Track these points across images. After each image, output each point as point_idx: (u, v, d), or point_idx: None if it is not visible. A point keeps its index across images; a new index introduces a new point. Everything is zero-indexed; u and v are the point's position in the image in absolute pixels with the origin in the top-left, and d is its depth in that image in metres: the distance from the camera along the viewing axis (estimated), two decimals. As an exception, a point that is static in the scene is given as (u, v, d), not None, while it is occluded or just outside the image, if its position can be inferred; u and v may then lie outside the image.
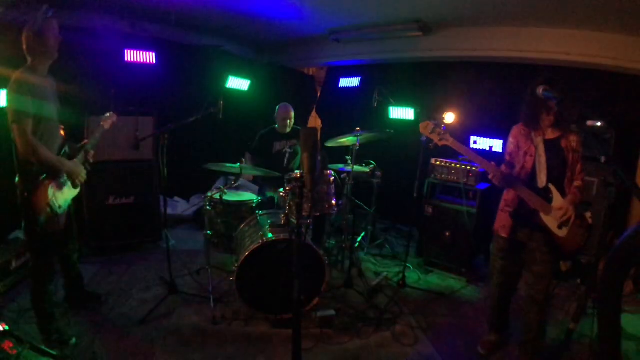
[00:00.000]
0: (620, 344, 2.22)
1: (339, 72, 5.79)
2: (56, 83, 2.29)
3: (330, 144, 3.45)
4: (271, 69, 5.79)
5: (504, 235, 2.30)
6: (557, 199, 2.12)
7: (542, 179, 2.15)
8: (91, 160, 2.43)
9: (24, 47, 2.07)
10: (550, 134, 2.18)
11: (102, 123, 2.55)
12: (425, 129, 2.19)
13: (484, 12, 3.49)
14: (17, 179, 2.11)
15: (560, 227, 2.14)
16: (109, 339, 2.35)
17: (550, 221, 2.14)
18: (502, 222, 2.32)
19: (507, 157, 2.32)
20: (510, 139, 2.30)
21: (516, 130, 2.29)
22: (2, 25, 3.03)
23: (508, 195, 2.32)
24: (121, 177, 3.55)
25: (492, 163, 2.15)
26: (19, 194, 2.09)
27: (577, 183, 2.16)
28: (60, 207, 2.18)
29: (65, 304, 2.63)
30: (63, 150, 2.27)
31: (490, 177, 2.15)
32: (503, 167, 2.27)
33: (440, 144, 2.19)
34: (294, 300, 1.60)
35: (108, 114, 2.59)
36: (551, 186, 2.13)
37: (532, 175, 2.18)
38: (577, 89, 3.65)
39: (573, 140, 2.15)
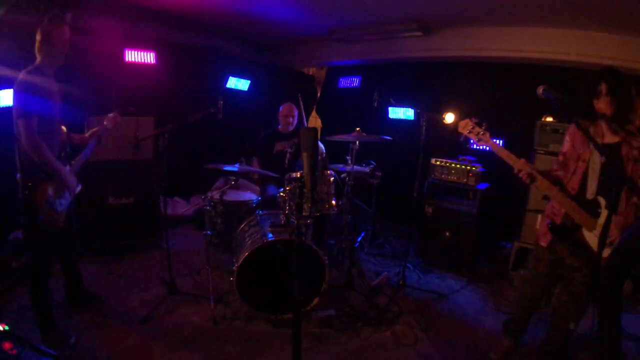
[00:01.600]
0: (620, 344, 2.23)
1: (339, 72, 5.78)
2: (59, 83, 2.30)
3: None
4: (271, 69, 5.79)
5: (543, 244, 2.12)
6: (605, 215, 1.86)
7: (592, 189, 1.91)
8: (102, 140, 2.45)
9: (36, 45, 2.11)
10: (610, 138, 1.90)
11: (105, 122, 2.55)
12: (464, 128, 2.04)
13: (484, 12, 3.49)
14: (18, 175, 2.11)
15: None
16: (109, 339, 2.35)
17: (592, 239, 1.90)
18: (544, 228, 2.11)
19: (561, 157, 2.12)
20: (567, 137, 2.09)
21: (574, 128, 2.05)
22: (4, 25, 3.04)
23: (557, 207, 2.07)
24: (121, 177, 3.55)
25: (522, 160, 1.95)
26: (20, 190, 2.09)
27: (635, 199, 1.85)
28: (60, 204, 2.18)
29: (65, 304, 2.63)
30: (61, 153, 2.28)
31: (515, 171, 1.96)
32: (554, 167, 2.13)
33: (479, 143, 2.04)
34: (294, 300, 1.60)
35: (111, 114, 2.59)
36: (601, 199, 1.88)
37: (582, 183, 1.95)
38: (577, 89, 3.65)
39: (636, 145, 1.83)
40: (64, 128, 2.34)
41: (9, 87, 2.84)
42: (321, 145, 3.69)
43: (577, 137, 2.01)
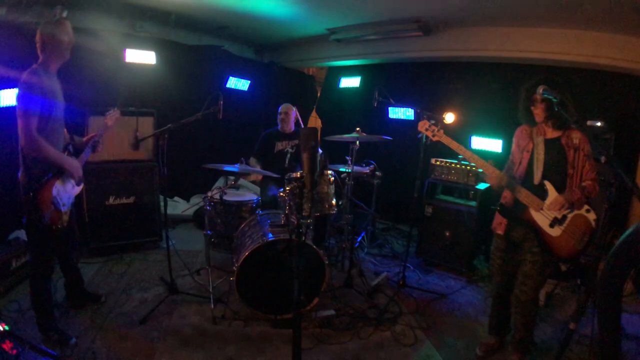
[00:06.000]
0: (620, 344, 2.23)
1: (339, 72, 5.79)
2: (61, 83, 2.30)
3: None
4: (271, 69, 5.79)
5: (499, 232, 2.31)
6: (553, 197, 2.09)
7: (537, 176, 2.15)
8: (98, 148, 2.45)
9: (38, 45, 2.10)
10: (551, 134, 2.18)
11: (106, 121, 2.56)
12: (422, 127, 2.38)
13: (484, 12, 3.49)
14: (19, 174, 2.11)
15: (552, 225, 2.10)
16: (109, 339, 2.35)
17: (540, 218, 2.12)
18: (498, 219, 2.33)
19: (510, 157, 2.38)
20: (513, 139, 2.36)
21: (518, 130, 2.34)
22: (5, 25, 3.04)
23: (507, 192, 2.29)
24: (121, 177, 3.55)
25: (475, 155, 2.22)
26: (21, 188, 2.09)
27: (584, 183, 2.08)
28: (64, 204, 2.19)
29: (65, 304, 2.63)
30: (67, 148, 2.28)
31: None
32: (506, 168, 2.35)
33: (433, 139, 2.36)
34: (294, 300, 1.60)
35: (111, 111, 2.59)
36: (546, 182, 2.11)
37: (529, 171, 2.19)
38: (577, 89, 3.65)
39: (575, 137, 2.10)
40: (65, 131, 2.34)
41: (9, 87, 2.85)
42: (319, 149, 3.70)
43: (522, 136, 2.30)
